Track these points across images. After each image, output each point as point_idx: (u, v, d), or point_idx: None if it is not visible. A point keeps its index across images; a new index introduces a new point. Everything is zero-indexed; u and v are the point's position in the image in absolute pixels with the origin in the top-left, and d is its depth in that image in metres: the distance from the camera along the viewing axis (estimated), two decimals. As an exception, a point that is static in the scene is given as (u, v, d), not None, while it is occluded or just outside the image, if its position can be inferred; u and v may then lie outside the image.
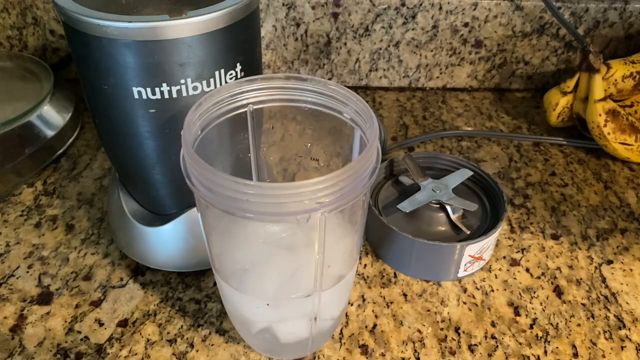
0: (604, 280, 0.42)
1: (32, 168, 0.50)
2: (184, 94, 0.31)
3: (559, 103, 0.56)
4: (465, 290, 0.40)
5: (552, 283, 0.41)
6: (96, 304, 0.38)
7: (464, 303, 0.39)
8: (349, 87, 0.60)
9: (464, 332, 0.37)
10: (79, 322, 0.37)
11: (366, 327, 0.37)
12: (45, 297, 0.39)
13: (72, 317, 0.38)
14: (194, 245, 0.39)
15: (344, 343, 0.36)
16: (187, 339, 0.36)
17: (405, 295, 0.40)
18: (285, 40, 0.63)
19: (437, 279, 0.41)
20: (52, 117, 0.52)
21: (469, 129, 0.60)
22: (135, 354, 0.35)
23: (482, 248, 0.40)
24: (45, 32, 0.63)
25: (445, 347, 0.36)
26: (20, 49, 0.64)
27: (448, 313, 0.38)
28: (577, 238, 0.45)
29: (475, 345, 0.36)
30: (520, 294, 0.40)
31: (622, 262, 0.43)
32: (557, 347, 0.36)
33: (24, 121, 0.49)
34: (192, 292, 0.39)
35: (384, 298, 0.39)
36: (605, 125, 0.52)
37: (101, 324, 0.37)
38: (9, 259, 0.42)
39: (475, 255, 0.40)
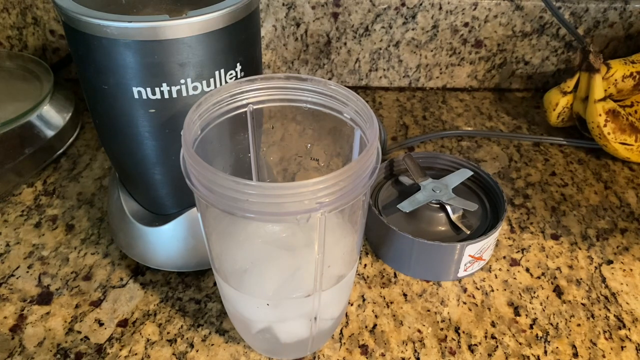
0: (604, 280, 0.42)
1: (32, 168, 0.50)
2: (184, 94, 0.31)
3: (559, 103, 0.56)
4: (465, 290, 0.40)
5: (552, 283, 0.41)
6: (96, 304, 0.38)
7: (464, 303, 0.39)
8: (349, 87, 0.60)
9: (464, 332, 0.37)
10: (79, 322, 0.37)
11: (366, 327, 0.37)
12: (45, 297, 0.39)
13: (72, 317, 0.38)
14: (194, 245, 0.39)
15: (344, 343, 0.36)
16: (187, 339, 0.36)
17: (405, 295, 0.40)
18: (285, 40, 0.63)
19: (437, 279, 0.41)
20: (52, 117, 0.52)
21: (469, 129, 0.60)
22: (135, 354, 0.35)
23: (482, 248, 0.40)
24: (45, 32, 0.63)
25: (445, 347, 0.36)
26: (20, 49, 0.64)
27: (448, 313, 0.38)
28: (577, 238, 0.45)
29: (475, 345, 0.36)
30: (520, 294, 0.40)
31: (622, 262, 0.43)
32: (557, 347, 0.36)
33: (24, 121, 0.49)
34: (192, 292, 0.39)
35: (384, 298, 0.39)
36: (605, 125, 0.52)
37: (101, 324, 0.37)
38: (9, 259, 0.42)
39: (475, 255, 0.40)
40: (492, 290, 0.40)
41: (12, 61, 0.58)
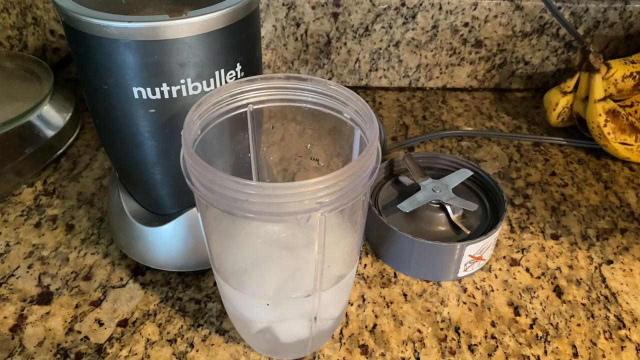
0: (604, 280, 0.42)
1: (32, 168, 0.50)
2: (184, 94, 0.31)
3: (559, 103, 0.56)
4: (465, 290, 0.40)
5: (552, 283, 0.41)
6: (96, 304, 0.38)
7: (464, 303, 0.39)
8: (349, 87, 0.60)
9: (464, 332, 0.37)
10: (79, 322, 0.37)
11: (366, 327, 0.37)
12: (45, 297, 0.39)
13: (72, 317, 0.38)
14: (194, 245, 0.39)
15: (344, 343, 0.36)
16: (187, 339, 0.36)
17: (405, 295, 0.40)
18: (285, 40, 0.63)
19: (437, 279, 0.41)
20: (52, 117, 0.52)
21: (469, 129, 0.60)
22: (135, 354, 0.35)
23: (482, 248, 0.40)
24: (45, 32, 0.63)
25: (445, 347, 0.36)
26: (20, 49, 0.64)
27: (448, 313, 0.38)
28: (577, 238, 0.45)
29: (475, 345, 0.36)
30: (520, 294, 0.40)
31: (622, 262, 0.43)
32: (557, 347, 0.36)
33: (24, 121, 0.49)
34: (192, 292, 0.39)
35: (384, 298, 0.39)
36: (605, 125, 0.52)
37: (101, 324, 0.37)
38: (9, 259, 0.42)
39: (475, 255, 0.40)
40: (492, 290, 0.40)
41: (12, 61, 0.58)
